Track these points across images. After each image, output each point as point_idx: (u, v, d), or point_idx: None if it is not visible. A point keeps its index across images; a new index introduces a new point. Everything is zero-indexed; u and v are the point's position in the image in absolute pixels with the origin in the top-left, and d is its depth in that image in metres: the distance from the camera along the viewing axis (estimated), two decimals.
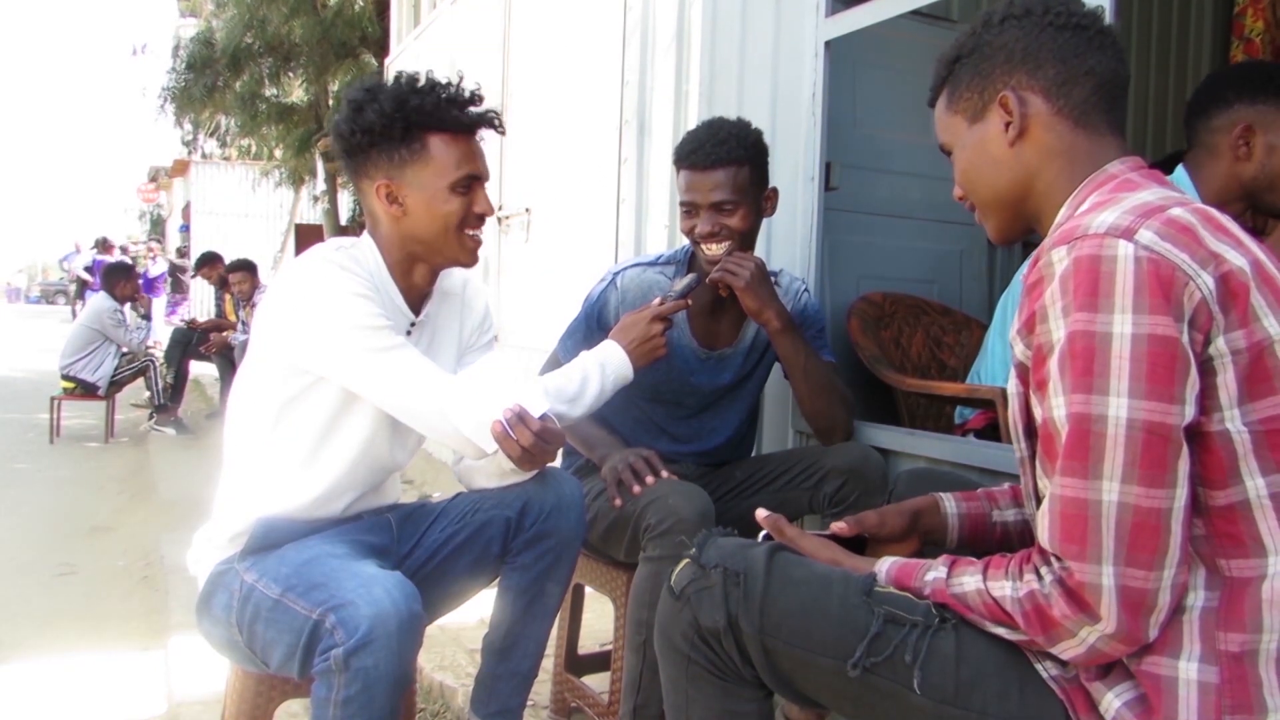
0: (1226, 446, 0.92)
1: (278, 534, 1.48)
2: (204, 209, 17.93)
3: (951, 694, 1.01)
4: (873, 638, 1.03)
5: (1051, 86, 1.09)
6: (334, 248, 1.52)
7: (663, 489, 1.75)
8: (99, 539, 4.14)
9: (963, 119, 1.16)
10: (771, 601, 1.08)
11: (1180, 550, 0.91)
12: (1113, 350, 0.90)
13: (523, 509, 1.59)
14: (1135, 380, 0.89)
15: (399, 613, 1.26)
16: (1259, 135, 1.63)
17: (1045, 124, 1.10)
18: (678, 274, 1.98)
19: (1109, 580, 0.91)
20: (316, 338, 1.43)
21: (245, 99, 10.93)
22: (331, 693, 1.27)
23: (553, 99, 4.21)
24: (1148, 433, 0.89)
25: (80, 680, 2.58)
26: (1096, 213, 0.96)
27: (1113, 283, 0.90)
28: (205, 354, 7.04)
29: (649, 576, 1.74)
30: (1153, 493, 0.90)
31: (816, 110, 2.27)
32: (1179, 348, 0.89)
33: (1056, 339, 0.93)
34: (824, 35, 2.25)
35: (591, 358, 1.68)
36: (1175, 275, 0.90)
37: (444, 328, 1.67)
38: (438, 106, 1.48)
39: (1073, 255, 0.93)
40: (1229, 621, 0.92)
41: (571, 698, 2.09)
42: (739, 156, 1.85)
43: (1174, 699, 0.92)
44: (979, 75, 1.13)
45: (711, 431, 2.08)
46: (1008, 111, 1.10)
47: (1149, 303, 0.89)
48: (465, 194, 1.51)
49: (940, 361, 2.81)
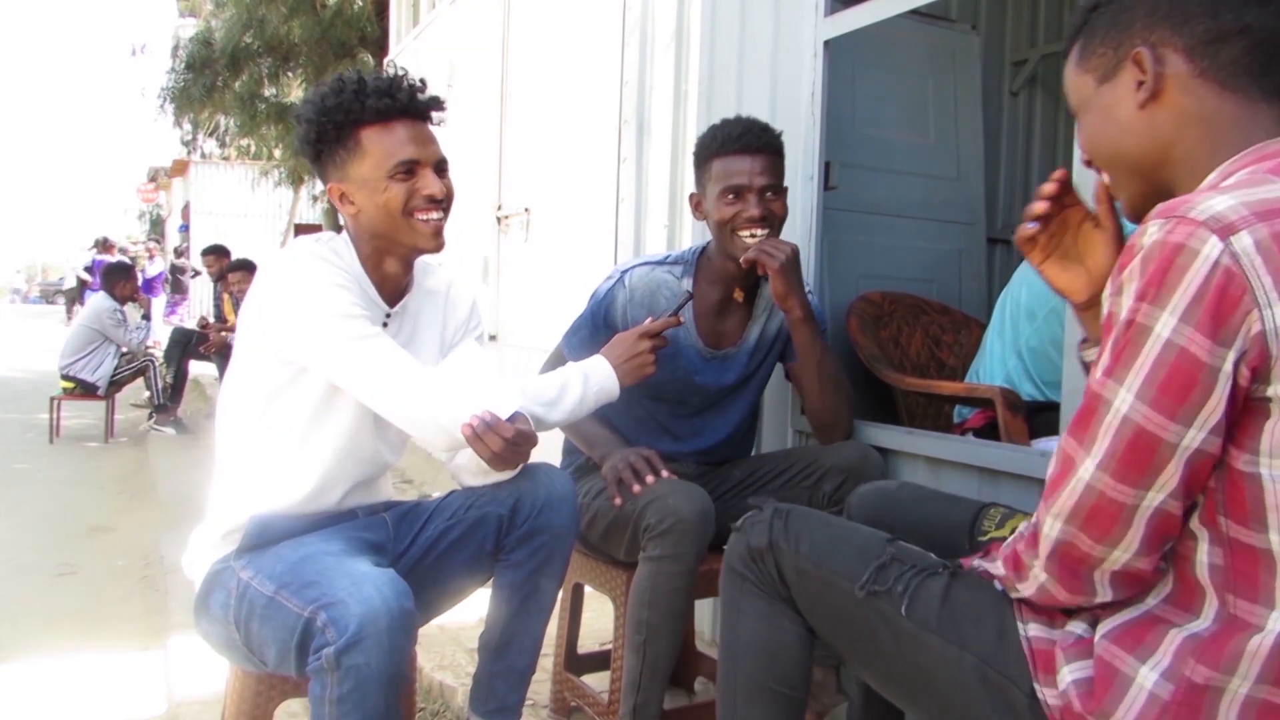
0: (1254, 491, 0.89)
1: (273, 531, 1.49)
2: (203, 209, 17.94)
3: (934, 624, 1.10)
4: (879, 567, 1.16)
5: (1197, 45, 0.98)
6: (315, 240, 1.55)
7: (663, 488, 1.76)
8: (98, 539, 4.14)
9: (1092, 78, 1.06)
10: (810, 533, 1.25)
11: (1143, 544, 0.92)
12: (1145, 346, 0.88)
13: (514, 506, 1.59)
14: (1148, 384, 0.88)
15: (389, 610, 1.26)
16: None
17: (1183, 86, 0.99)
18: (685, 274, 1.99)
19: (1054, 532, 0.96)
20: (295, 326, 1.45)
21: (244, 99, 10.93)
22: (326, 691, 1.27)
23: (552, 99, 4.21)
24: (1136, 435, 0.90)
25: (80, 680, 2.58)
26: (1217, 195, 0.88)
27: (1180, 281, 0.86)
28: (205, 354, 7.04)
29: (649, 576, 1.74)
30: (1120, 488, 0.91)
31: (815, 110, 2.27)
32: (1205, 371, 0.85)
33: (1120, 317, 0.91)
34: (823, 35, 2.25)
35: (576, 367, 1.69)
36: (1243, 299, 0.84)
37: (425, 325, 1.67)
38: (357, 99, 1.48)
39: (1162, 234, 0.88)
40: (1205, 655, 0.90)
41: (571, 697, 2.09)
42: (779, 146, 1.93)
43: (1119, 696, 0.93)
44: (1116, 28, 1.03)
45: (713, 430, 2.08)
46: (1141, 69, 1.00)
47: (1199, 318, 0.85)
48: (406, 179, 1.51)
49: (939, 361, 2.81)
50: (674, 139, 2.90)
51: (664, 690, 1.80)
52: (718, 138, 1.91)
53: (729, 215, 1.87)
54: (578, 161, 3.81)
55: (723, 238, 1.91)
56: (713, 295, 1.98)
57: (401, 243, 1.54)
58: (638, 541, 1.77)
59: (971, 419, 2.38)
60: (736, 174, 1.86)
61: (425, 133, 1.55)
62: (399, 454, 1.69)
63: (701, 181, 1.95)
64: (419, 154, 1.52)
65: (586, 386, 1.65)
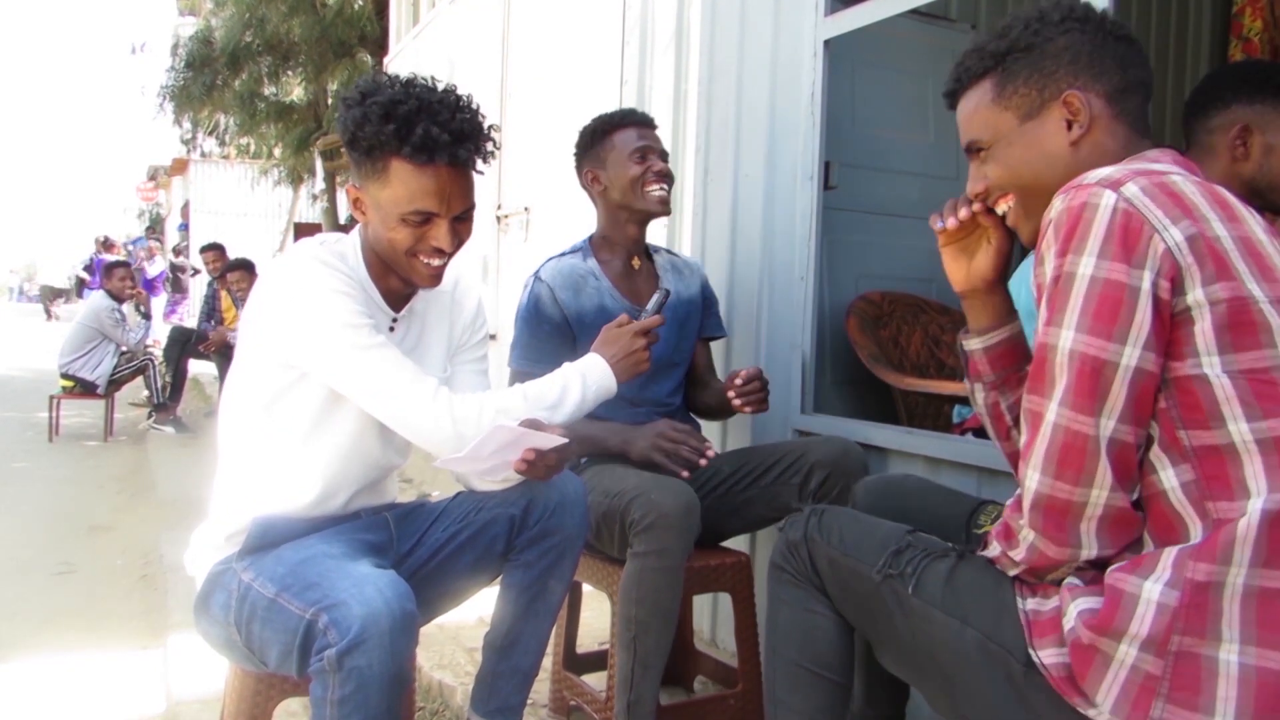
0: (1205, 390, 0.98)
1: (275, 533, 1.48)
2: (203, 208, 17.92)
3: (939, 600, 1.18)
4: (895, 552, 1.24)
5: (1113, 92, 1.15)
6: (319, 243, 1.52)
7: (647, 484, 1.77)
8: (98, 538, 4.14)
9: (1013, 115, 1.19)
10: (841, 527, 1.34)
11: (1113, 476, 1.00)
12: (1074, 289, 1.01)
13: (527, 507, 1.59)
14: (1083, 316, 1.00)
15: (391, 612, 1.26)
16: (1256, 135, 1.63)
17: (1107, 127, 1.15)
18: (586, 256, 2.16)
19: (1033, 484, 1.04)
20: (299, 333, 1.44)
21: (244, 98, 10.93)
22: (327, 692, 1.27)
23: (552, 98, 4.21)
24: (1083, 363, 1.00)
25: (79, 679, 2.58)
26: (1103, 169, 1.05)
27: (1089, 229, 1.00)
28: (204, 353, 7.04)
29: (636, 573, 1.75)
30: (1080, 419, 1.00)
31: (815, 109, 2.27)
32: (1127, 292, 0.98)
33: (1046, 280, 1.04)
34: (823, 34, 2.26)
35: (573, 367, 1.63)
36: (1144, 227, 0.98)
37: (433, 326, 1.67)
38: (397, 135, 1.40)
39: (1066, 203, 1.03)
40: (1201, 553, 0.97)
41: (570, 696, 2.09)
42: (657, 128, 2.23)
43: (1129, 613, 0.98)
44: (1039, 73, 1.17)
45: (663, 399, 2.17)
46: (1072, 111, 1.15)
47: (1112, 250, 0.99)
48: (418, 226, 1.46)
49: (939, 360, 2.82)
50: (674, 138, 2.90)
51: (658, 686, 1.80)
52: (615, 116, 2.18)
53: (639, 172, 2.10)
54: None
55: (631, 195, 2.11)
56: (617, 263, 2.18)
57: (399, 272, 1.54)
58: (626, 538, 1.78)
59: (971, 419, 2.38)
60: (640, 139, 2.13)
61: (457, 184, 1.47)
62: (405, 456, 1.68)
63: (599, 155, 2.15)
64: (438, 208, 1.46)
65: (585, 386, 1.61)
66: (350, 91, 1.48)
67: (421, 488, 4.32)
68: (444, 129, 1.41)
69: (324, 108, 10.67)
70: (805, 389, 2.33)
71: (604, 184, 2.15)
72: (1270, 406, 0.97)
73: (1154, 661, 0.96)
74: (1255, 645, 0.94)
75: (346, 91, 1.50)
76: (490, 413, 1.48)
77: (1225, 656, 0.95)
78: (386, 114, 1.41)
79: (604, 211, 2.19)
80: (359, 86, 1.47)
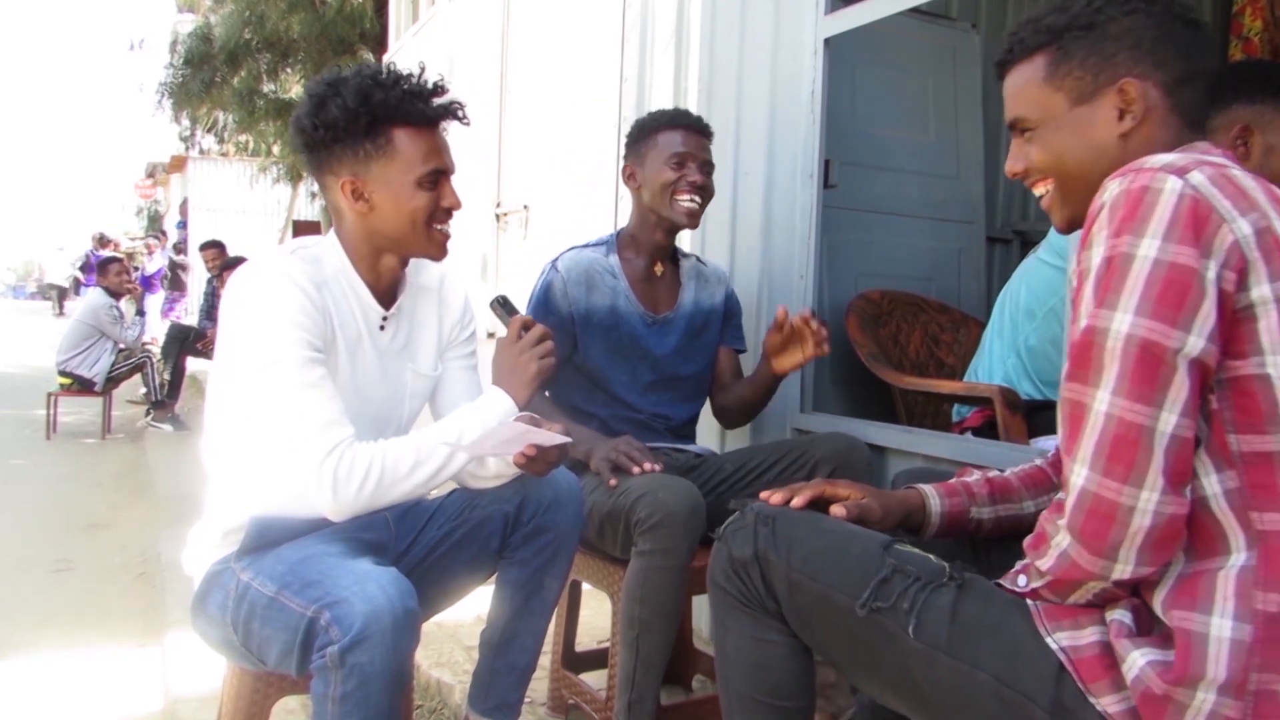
0: (1266, 391, 0.93)
1: (273, 533, 1.48)
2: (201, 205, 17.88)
3: (945, 643, 1.05)
4: (880, 581, 1.10)
5: (1172, 83, 1.08)
6: (291, 250, 1.49)
7: (652, 483, 1.77)
8: (96, 535, 4.13)
9: (1064, 97, 1.12)
10: (800, 541, 1.18)
11: (1165, 478, 0.92)
12: (1133, 270, 0.93)
13: (521, 504, 1.59)
14: (1145, 300, 0.92)
15: (393, 609, 1.26)
16: (1256, 135, 1.62)
17: (1161, 119, 1.08)
18: (609, 251, 2.14)
19: (1079, 480, 0.95)
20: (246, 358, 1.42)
21: (243, 95, 10.90)
22: (329, 689, 1.26)
23: (551, 95, 4.21)
24: (1142, 349, 0.92)
25: (77, 677, 2.58)
26: (1163, 155, 0.99)
27: (1153, 211, 0.93)
28: (202, 350, 7.03)
29: (640, 572, 1.75)
30: (1137, 408, 0.93)
31: (815, 108, 2.27)
32: (1196, 278, 0.91)
33: (1096, 263, 0.97)
34: (823, 32, 2.25)
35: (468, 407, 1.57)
36: (1212, 215, 0.93)
37: (422, 324, 1.65)
38: (402, 100, 1.44)
39: (1125, 186, 0.96)
40: (1269, 581, 0.90)
41: (569, 694, 2.09)
42: (712, 133, 2.16)
43: (1202, 655, 0.91)
44: (1097, 55, 1.09)
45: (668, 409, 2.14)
46: (1126, 101, 1.08)
47: (1179, 234, 0.92)
48: (432, 188, 1.49)
49: (938, 359, 2.81)
50: None
51: (659, 686, 1.80)
52: (665, 114, 2.12)
53: (673, 178, 2.04)
54: (577, 158, 3.80)
55: (660, 201, 2.06)
56: (640, 264, 2.13)
57: (411, 249, 1.53)
58: (630, 537, 1.78)
59: (970, 418, 2.38)
60: (684, 144, 2.07)
61: (446, 141, 1.53)
62: None
63: (640, 152, 2.10)
64: (445, 164, 1.50)
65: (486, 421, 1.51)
66: (314, 89, 1.47)
67: None
68: (427, 90, 1.47)
69: None
70: (805, 387, 2.33)
71: (639, 182, 2.11)
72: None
73: (1234, 705, 0.90)
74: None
75: (312, 86, 1.48)
76: (372, 485, 1.42)
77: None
78: (372, 91, 1.43)
79: (635, 210, 2.15)
80: (324, 79, 1.48)
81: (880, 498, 1.32)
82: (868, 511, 1.29)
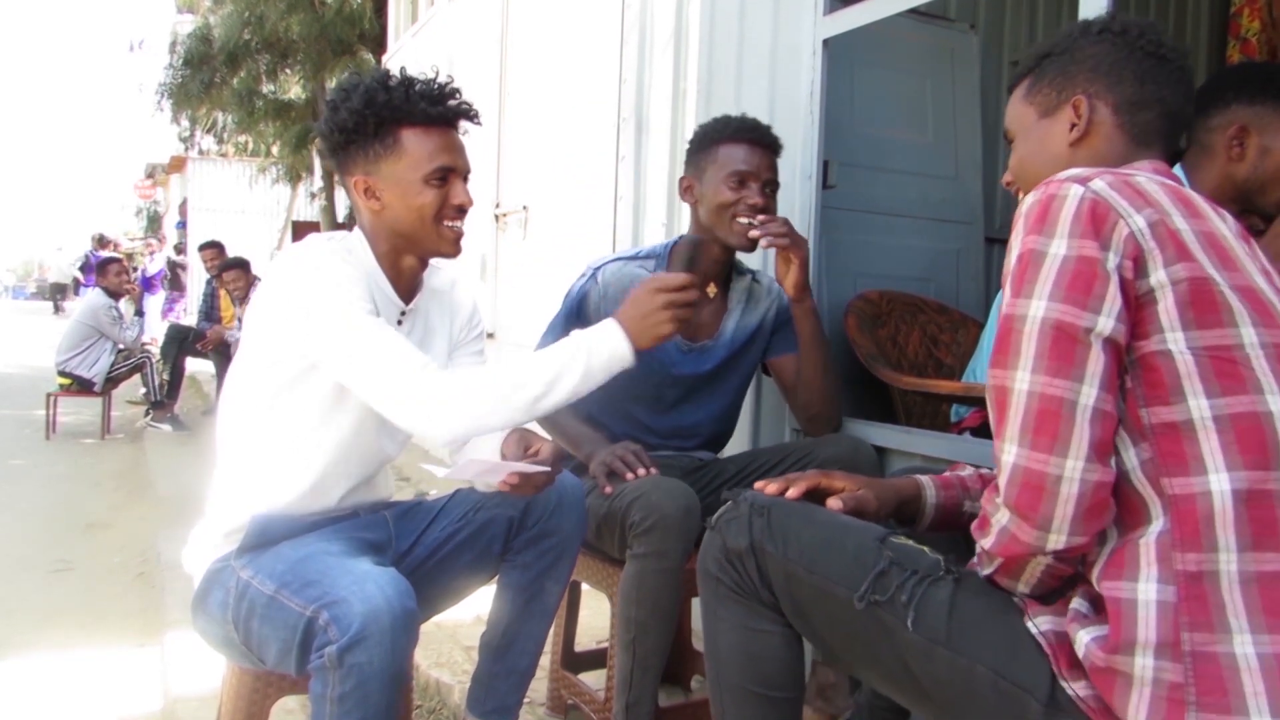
0: (1168, 365, 1.00)
1: (274, 531, 1.48)
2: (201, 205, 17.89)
3: (943, 636, 1.08)
4: (878, 574, 1.12)
5: (1123, 103, 1.19)
6: (327, 238, 1.54)
7: (646, 485, 1.76)
8: (95, 535, 4.13)
9: (1035, 111, 1.25)
10: (796, 533, 1.20)
11: (1089, 446, 0.98)
12: (1044, 265, 1.03)
13: (526, 507, 1.59)
14: (1056, 288, 1.01)
15: (392, 609, 1.26)
16: (1253, 136, 1.63)
17: (1107, 135, 1.20)
18: (657, 268, 1.98)
19: (1009, 457, 1.02)
20: (308, 320, 1.42)
21: (242, 95, 10.92)
22: (327, 689, 1.27)
23: (550, 96, 4.21)
24: (1057, 330, 1.00)
25: (76, 676, 2.58)
26: (1074, 169, 1.10)
27: (1059, 214, 1.04)
28: (201, 350, 7.03)
29: (636, 574, 1.74)
30: (1055, 382, 1.00)
31: (814, 108, 2.27)
32: (1100, 266, 1.01)
33: (1011, 262, 1.07)
34: (822, 33, 2.26)
35: (579, 343, 1.46)
36: (1110, 213, 1.02)
37: (436, 324, 1.68)
38: (407, 100, 1.48)
39: (1037, 196, 1.07)
40: (1183, 542, 0.96)
41: (568, 695, 2.09)
42: (780, 148, 2.01)
43: (1132, 619, 0.96)
44: (1063, 75, 1.23)
45: (690, 423, 2.08)
46: (1077, 114, 1.20)
47: (1081, 230, 1.02)
48: (440, 186, 1.51)
49: (937, 360, 2.82)
50: (672, 137, 2.90)
51: (656, 687, 1.80)
52: (729, 125, 1.96)
53: (731, 200, 1.91)
54: (576, 159, 3.81)
55: (717, 221, 1.93)
56: None
57: (424, 246, 1.55)
58: (626, 540, 1.78)
59: (969, 418, 2.39)
60: (746, 161, 1.92)
61: (459, 142, 1.56)
62: (402, 447, 1.68)
63: (700, 165, 1.97)
64: (454, 162, 1.52)
65: (590, 362, 1.42)
66: (332, 96, 1.54)
67: (419, 486, 4.31)
68: (435, 91, 1.50)
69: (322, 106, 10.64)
70: None
71: (695, 197, 1.97)
72: (1229, 384, 0.98)
73: (1173, 668, 0.93)
74: (1267, 633, 0.92)
75: (330, 93, 1.55)
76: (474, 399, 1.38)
77: (1241, 650, 0.92)
78: (380, 93, 1.48)
79: (692, 225, 2.01)
80: (340, 85, 1.55)
81: (875, 488, 1.35)
82: (863, 503, 1.32)
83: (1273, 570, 0.94)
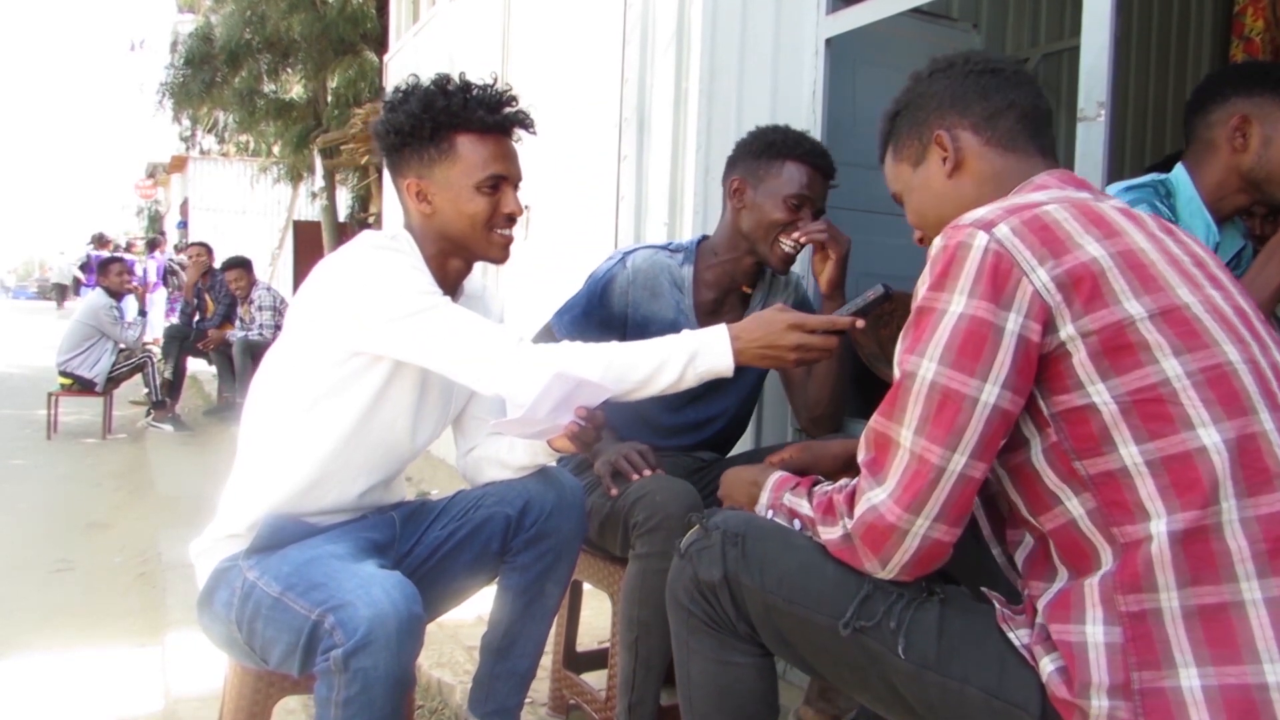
0: (1095, 417, 1.00)
1: (285, 533, 1.48)
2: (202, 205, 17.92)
3: (933, 660, 1.07)
4: (863, 599, 1.11)
5: (979, 121, 1.23)
6: (378, 235, 1.54)
7: (650, 485, 1.76)
8: (96, 535, 4.13)
9: (908, 165, 1.30)
10: (774, 560, 1.18)
11: (942, 510, 1.03)
12: (941, 324, 1.04)
13: (524, 508, 1.59)
14: (947, 350, 1.03)
15: (398, 614, 1.26)
16: (1255, 126, 1.63)
17: (977, 154, 1.23)
18: (685, 262, 1.99)
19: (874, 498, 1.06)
20: (374, 305, 1.42)
21: (243, 95, 10.92)
22: (332, 693, 1.27)
23: (552, 96, 4.21)
24: (943, 396, 1.02)
25: (77, 677, 2.58)
26: (980, 209, 1.09)
27: (961, 268, 1.04)
28: (203, 350, 7.03)
29: (638, 574, 1.74)
30: (931, 448, 1.03)
31: (817, 108, 2.27)
32: (993, 331, 1.01)
33: (913, 311, 1.08)
34: (824, 33, 2.25)
35: (683, 347, 1.45)
36: (1013, 270, 1.01)
37: None
38: (465, 106, 1.50)
39: (943, 241, 1.07)
40: (1125, 584, 0.97)
41: (570, 695, 2.09)
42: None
43: (1085, 662, 0.97)
44: (915, 123, 1.28)
45: (702, 421, 2.08)
46: (943, 148, 1.24)
47: (980, 289, 1.02)
48: (492, 194, 1.53)
49: None
50: (674, 137, 2.89)
51: (659, 687, 1.80)
52: (801, 145, 1.95)
53: (784, 220, 1.92)
54: (578, 159, 3.80)
55: (761, 235, 1.94)
56: (710, 289, 2.01)
57: (472, 251, 1.57)
58: (629, 538, 1.78)
59: None
60: (809, 187, 1.93)
61: (513, 150, 1.57)
62: (426, 444, 1.67)
63: (758, 173, 1.95)
64: (507, 170, 1.54)
65: (686, 369, 1.43)
66: (390, 98, 1.55)
67: (421, 486, 4.31)
68: (492, 98, 1.52)
69: (323, 105, 10.65)
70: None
71: (744, 203, 1.96)
72: (1156, 427, 0.97)
73: (1125, 706, 0.94)
74: (1211, 665, 0.93)
75: (389, 95, 1.55)
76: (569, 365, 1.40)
77: (1187, 683, 0.93)
78: (438, 98, 1.49)
79: (729, 226, 2.00)
80: (400, 87, 1.55)
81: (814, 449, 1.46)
82: (798, 463, 1.41)
83: (1212, 603, 0.94)
